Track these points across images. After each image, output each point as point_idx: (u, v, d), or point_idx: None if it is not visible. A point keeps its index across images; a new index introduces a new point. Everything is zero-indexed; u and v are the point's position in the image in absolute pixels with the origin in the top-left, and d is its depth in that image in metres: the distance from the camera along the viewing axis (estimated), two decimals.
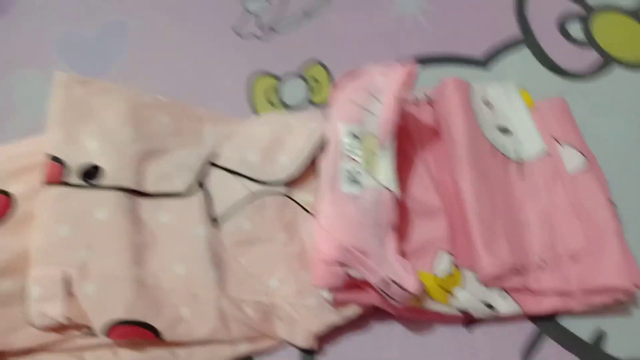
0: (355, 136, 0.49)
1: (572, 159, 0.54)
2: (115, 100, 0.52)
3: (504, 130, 0.57)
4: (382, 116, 0.50)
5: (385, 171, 0.49)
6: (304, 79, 0.65)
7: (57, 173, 0.47)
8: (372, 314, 0.50)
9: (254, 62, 0.65)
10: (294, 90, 0.64)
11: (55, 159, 0.48)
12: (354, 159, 0.48)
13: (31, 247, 0.45)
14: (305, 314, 0.48)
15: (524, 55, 0.63)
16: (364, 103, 0.51)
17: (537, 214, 0.52)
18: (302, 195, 0.53)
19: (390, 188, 0.48)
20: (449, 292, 0.48)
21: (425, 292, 0.46)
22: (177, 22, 0.66)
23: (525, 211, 0.52)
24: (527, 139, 0.56)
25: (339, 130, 0.50)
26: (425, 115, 0.58)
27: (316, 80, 0.64)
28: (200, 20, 0.67)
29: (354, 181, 0.48)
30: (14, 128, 0.57)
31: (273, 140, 0.54)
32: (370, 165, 0.48)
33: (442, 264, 0.49)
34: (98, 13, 0.65)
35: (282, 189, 0.53)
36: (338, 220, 0.46)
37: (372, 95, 0.52)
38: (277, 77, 0.65)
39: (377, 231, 0.46)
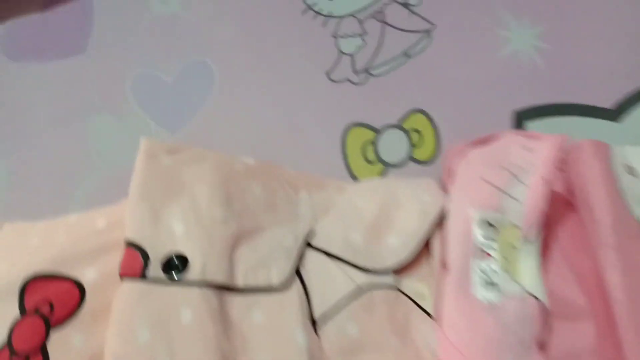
0: (490, 225, 0.41)
1: None
2: (207, 171, 0.45)
3: None
4: (528, 203, 0.42)
5: (530, 273, 0.40)
6: (404, 130, 0.57)
7: (137, 265, 0.40)
8: None
9: (348, 111, 0.57)
10: (392, 144, 0.56)
11: (135, 246, 0.41)
12: (489, 255, 0.40)
13: (106, 351, 0.39)
14: None
15: None
16: (502, 185, 0.43)
17: None
18: (412, 284, 0.45)
19: (537, 296, 0.39)
20: None
21: None
22: (264, 64, 0.59)
23: None
24: None
25: (471, 218, 0.42)
26: (555, 184, 0.48)
27: (417, 132, 0.56)
28: (290, 64, 0.59)
29: (491, 284, 0.39)
30: (88, 180, 0.51)
31: (380, 216, 0.47)
32: (509, 263, 0.40)
33: None
34: (179, 53, 0.59)
35: (392, 279, 0.45)
36: (473, 337, 0.38)
37: (513, 175, 0.44)
38: (373, 129, 0.57)
39: (520, 351, 0.38)
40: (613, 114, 0.55)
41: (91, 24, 0.60)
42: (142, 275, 0.40)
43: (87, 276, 0.41)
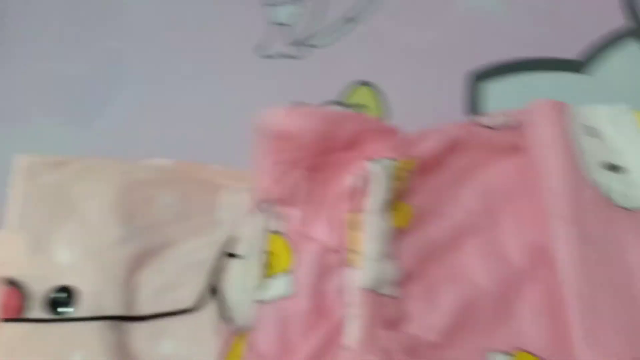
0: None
1: None
2: (101, 185, 0.40)
3: (613, 168, 0.45)
4: None
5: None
6: (347, 107, 0.53)
7: (15, 305, 0.36)
8: None
9: (284, 90, 0.53)
10: None
11: (14, 283, 0.36)
12: None
13: None
14: None
15: (634, 53, 0.51)
16: None
17: None
18: None
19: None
20: None
21: None
22: (183, 45, 0.53)
23: None
24: None
25: None
26: (504, 145, 0.46)
27: (362, 107, 0.53)
28: (213, 42, 0.54)
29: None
30: None
31: None
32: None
33: None
34: (88, 43, 0.53)
35: None
36: None
37: None
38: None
39: None
40: (579, 66, 0.52)
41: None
42: (23, 318, 0.35)
43: None
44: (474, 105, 0.52)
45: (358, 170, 0.40)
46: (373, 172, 0.40)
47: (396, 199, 0.41)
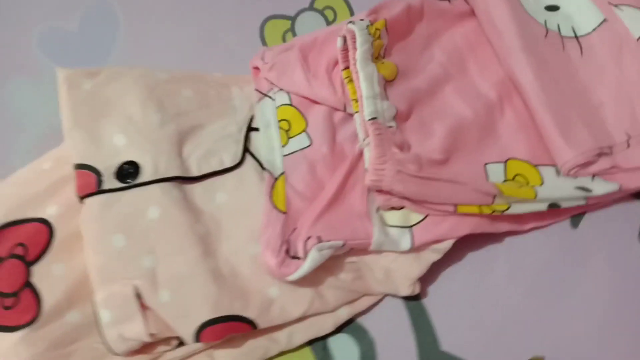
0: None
1: (636, 22, 0.49)
2: (130, 84, 0.46)
3: (553, 8, 0.52)
4: None
5: None
6: (319, 11, 0.58)
7: (91, 182, 0.41)
8: (466, 244, 0.46)
9: (258, 8, 0.58)
10: (309, 27, 0.57)
11: (85, 166, 0.42)
12: None
13: (89, 268, 0.40)
14: (401, 260, 0.43)
15: None
16: None
17: (610, 90, 0.48)
18: None
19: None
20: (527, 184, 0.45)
21: (505, 194, 0.43)
22: None
23: (595, 91, 0.48)
24: (581, 11, 0.52)
25: None
26: (458, 12, 0.53)
27: (332, 9, 0.58)
28: None
29: None
30: (23, 146, 0.51)
31: None
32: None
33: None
34: None
35: None
36: None
37: None
38: (287, 17, 0.58)
39: None
40: None
41: None
42: (99, 190, 0.41)
43: (49, 212, 0.42)
44: None
45: (342, 32, 0.47)
46: (355, 31, 0.46)
47: (378, 54, 0.48)
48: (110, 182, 0.42)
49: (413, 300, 0.45)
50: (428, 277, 0.45)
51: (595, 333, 0.44)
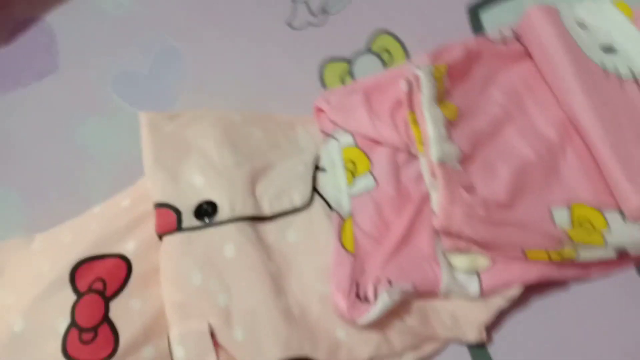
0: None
1: None
2: (208, 127, 0.48)
3: (609, 50, 0.53)
4: None
5: None
6: (374, 53, 0.60)
7: (171, 221, 0.43)
8: (531, 290, 0.46)
9: (317, 51, 0.60)
10: (366, 68, 0.59)
11: (165, 205, 0.44)
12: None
13: (166, 304, 0.41)
14: (469, 306, 0.43)
15: None
16: None
17: None
18: None
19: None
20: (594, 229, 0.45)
21: (574, 240, 0.43)
22: (228, 32, 0.62)
23: None
24: (637, 50, 0.52)
25: None
26: (513, 53, 0.54)
27: (387, 51, 0.60)
28: (251, 25, 0.62)
29: None
30: (99, 179, 0.53)
31: None
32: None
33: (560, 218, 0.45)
34: (147, 44, 0.61)
35: None
36: None
37: None
38: (346, 60, 0.60)
39: None
40: None
41: (55, 43, 0.62)
42: (179, 228, 0.43)
43: (128, 248, 0.44)
44: (477, 31, 0.59)
45: (407, 76, 0.49)
46: (420, 75, 0.48)
47: (441, 97, 0.49)
48: (189, 220, 0.43)
49: (478, 347, 0.45)
50: (493, 323, 0.45)
51: None
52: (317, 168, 0.49)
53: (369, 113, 0.49)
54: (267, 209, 0.45)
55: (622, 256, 0.45)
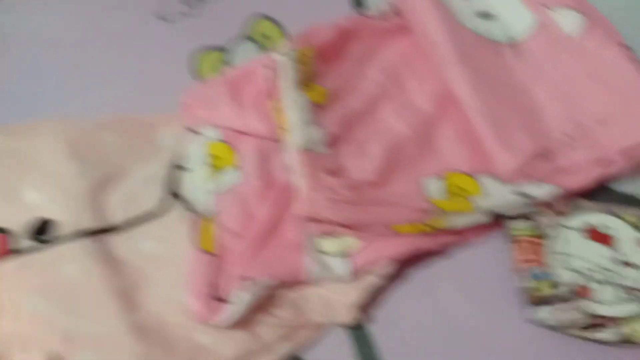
0: None
1: (568, 21, 0.50)
2: (49, 138, 0.45)
3: (485, 15, 0.53)
4: None
5: None
6: (252, 40, 0.57)
7: (4, 244, 0.41)
8: (410, 263, 0.45)
9: (190, 42, 0.56)
10: (247, 56, 0.55)
11: None
12: None
13: (4, 336, 0.39)
14: (341, 288, 0.42)
15: None
16: None
17: (547, 91, 0.49)
18: None
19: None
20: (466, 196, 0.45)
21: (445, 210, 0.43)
22: (91, 29, 0.58)
23: (533, 93, 0.49)
24: (513, 15, 0.52)
25: None
26: (391, 28, 0.52)
27: (266, 37, 0.57)
28: (115, 19, 0.58)
29: None
30: None
31: None
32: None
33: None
34: None
35: None
36: None
37: None
38: (220, 49, 0.57)
39: None
40: None
41: None
42: (13, 250, 0.40)
43: None
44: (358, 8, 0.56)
45: (267, 63, 0.47)
46: (279, 61, 0.46)
47: (307, 81, 0.47)
48: (22, 240, 0.41)
49: (357, 328, 0.44)
50: (374, 302, 0.44)
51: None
52: (180, 168, 0.46)
53: (233, 104, 0.47)
54: (118, 218, 0.43)
55: (498, 219, 0.45)
